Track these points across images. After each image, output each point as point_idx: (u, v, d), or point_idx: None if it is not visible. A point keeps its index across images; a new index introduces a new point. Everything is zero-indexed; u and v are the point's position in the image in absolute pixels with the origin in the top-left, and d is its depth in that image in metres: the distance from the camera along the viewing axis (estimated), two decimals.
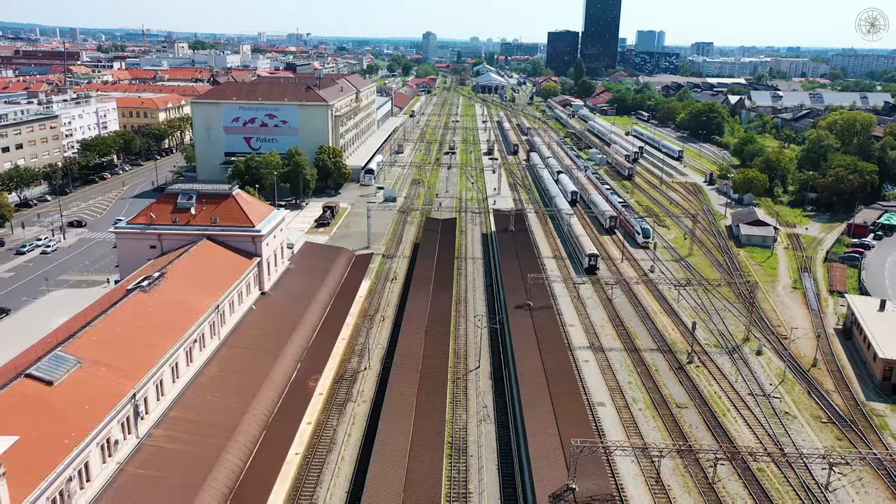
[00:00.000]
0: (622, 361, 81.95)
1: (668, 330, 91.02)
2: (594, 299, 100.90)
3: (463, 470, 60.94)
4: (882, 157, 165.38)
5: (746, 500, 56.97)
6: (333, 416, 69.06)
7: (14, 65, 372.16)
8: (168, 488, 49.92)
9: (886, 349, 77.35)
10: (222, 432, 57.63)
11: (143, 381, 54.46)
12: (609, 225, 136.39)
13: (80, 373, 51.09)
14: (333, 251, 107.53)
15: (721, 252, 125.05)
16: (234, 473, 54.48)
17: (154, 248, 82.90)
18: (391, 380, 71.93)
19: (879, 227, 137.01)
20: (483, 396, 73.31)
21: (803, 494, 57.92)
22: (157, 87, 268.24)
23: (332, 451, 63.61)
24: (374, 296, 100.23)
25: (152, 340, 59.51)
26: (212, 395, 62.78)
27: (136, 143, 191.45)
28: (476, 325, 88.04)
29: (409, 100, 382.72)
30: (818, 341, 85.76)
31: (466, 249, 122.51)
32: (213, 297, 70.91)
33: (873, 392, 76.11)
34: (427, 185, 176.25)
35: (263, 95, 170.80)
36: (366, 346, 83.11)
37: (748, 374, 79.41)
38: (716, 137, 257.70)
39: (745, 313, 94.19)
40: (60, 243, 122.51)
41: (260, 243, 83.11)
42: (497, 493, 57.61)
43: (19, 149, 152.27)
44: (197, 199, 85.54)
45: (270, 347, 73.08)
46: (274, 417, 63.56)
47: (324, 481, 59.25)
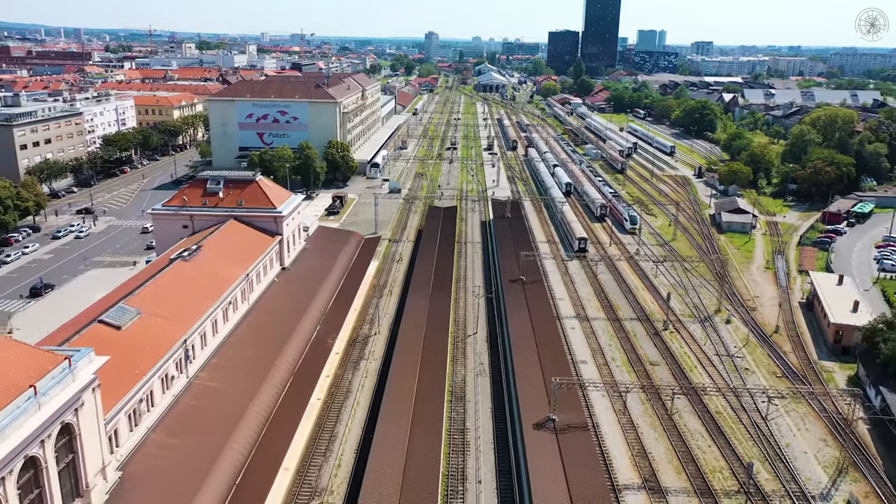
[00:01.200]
0: (604, 328, 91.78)
1: (647, 303, 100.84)
2: (582, 276, 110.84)
3: (461, 412, 70.80)
4: (860, 150, 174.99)
5: (698, 427, 67.07)
6: (349, 371, 78.97)
7: (28, 65, 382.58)
8: (215, 417, 59.97)
9: (838, 315, 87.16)
10: (255, 378, 67.66)
11: (191, 330, 64.53)
12: (600, 213, 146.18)
13: (141, 321, 61.07)
14: (345, 234, 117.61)
15: (703, 237, 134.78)
16: (267, 410, 64.49)
17: (186, 227, 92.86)
18: (398, 342, 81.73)
19: (853, 215, 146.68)
20: (480, 356, 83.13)
21: (747, 422, 67.92)
22: (169, 87, 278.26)
23: (348, 397, 73.50)
24: (381, 273, 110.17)
25: (195, 300, 69.54)
26: (245, 349, 72.85)
27: (153, 139, 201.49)
28: (474, 296, 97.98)
29: (411, 98, 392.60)
30: (780, 310, 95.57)
31: (466, 234, 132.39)
32: (242, 267, 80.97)
33: (826, 353, 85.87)
34: (430, 178, 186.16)
35: (275, 93, 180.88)
36: (376, 315, 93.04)
37: (716, 338, 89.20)
38: (708, 134, 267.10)
39: (718, 289, 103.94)
40: (91, 229, 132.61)
41: (281, 223, 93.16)
42: (490, 427, 67.51)
43: (48, 143, 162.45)
44: (224, 185, 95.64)
45: (292, 313, 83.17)
46: (298, 369, 73.59)
47: (342, 420, 69.17)
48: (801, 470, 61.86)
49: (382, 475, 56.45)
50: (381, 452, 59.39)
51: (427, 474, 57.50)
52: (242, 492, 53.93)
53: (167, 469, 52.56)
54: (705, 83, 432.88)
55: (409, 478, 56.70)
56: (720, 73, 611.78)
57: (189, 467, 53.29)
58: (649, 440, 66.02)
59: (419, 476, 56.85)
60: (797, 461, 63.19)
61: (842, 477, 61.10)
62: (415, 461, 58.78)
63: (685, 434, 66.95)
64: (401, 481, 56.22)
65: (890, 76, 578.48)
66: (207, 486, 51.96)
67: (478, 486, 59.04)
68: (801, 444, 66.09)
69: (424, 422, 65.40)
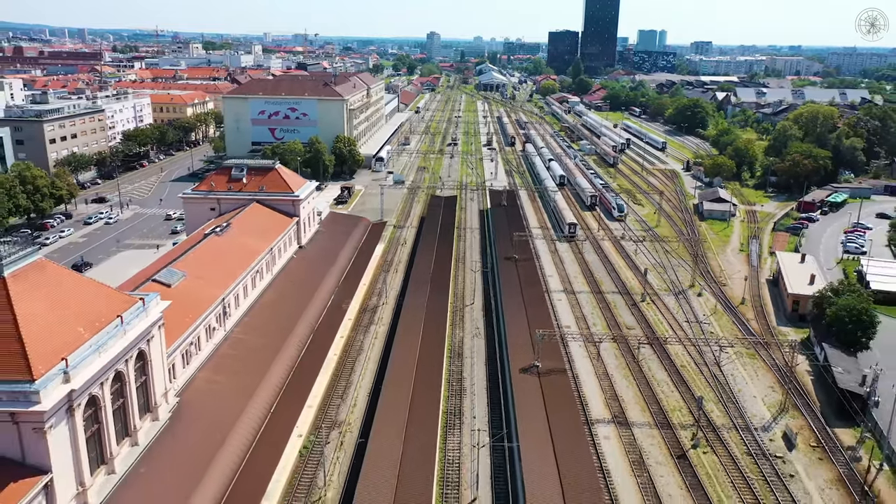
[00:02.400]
0: (588, 300, 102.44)
1: (629, 279, 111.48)
2: (570, 256, 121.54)
3: (459, 365, 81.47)
4: (837, 145, 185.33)
5: (664, 377, 77.87)
6: (360, 333, 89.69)
7: (41, 65, 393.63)
8: (249, 363, 70.72)
9: (796, 287, 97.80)
10: (280, 335, 78.38)
11: (227, 291, 75.31)
12: (590, 202, 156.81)
13: (186, 281, 71.76)
14: (354, 219, 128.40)
15: (685, 224, 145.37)
16: (292, 360, 75.14)
17: (213, 209, 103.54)
18: (403, 310, 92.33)
19: (826, 204, 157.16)
20: (476, 322, 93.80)
21: (707, 374, 78.70)
22: (180, 86, 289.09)
23: (360, 354, 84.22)
24: (388, 253, 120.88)
25: (229, 267, 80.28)
26: (270, 311, 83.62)
27: (169, 135, 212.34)
28: (472, 271, 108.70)
29: (414, 97, 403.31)
30: (746, 284, 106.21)
31: (466, 221, 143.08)
32: (266, 242, 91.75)
33: (784, 320, 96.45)
34: (431, 171, 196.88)
35: (286, 91, 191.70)
36: (383, 288, 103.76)
37: (688, 308, 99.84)
38: (699, 130, 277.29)
39: (692, 267, 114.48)
40: (119, 216, 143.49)
41: (298, 206, 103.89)
42: (483, 376, 78.22)
43: (74, 138, 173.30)
44: (247, 172, 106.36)
45: (310, 284, 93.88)
46: (316, 330, 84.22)
47: (356, 371, 79.87)
48: (748, 409, 72.51)
49: (391, 412, 66.80)
50: (390, 395, 69.85)
51: (429, 411, 68.02)
52: (275, 420, 64.61)
53: (214, 399, 63.31)
54: (701, 82, 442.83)
55: (414, 415, 67.01)
56: (718, 72, 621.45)
57: (231, 400, 64.01)
58: (620, 386, 76.72)
59: (422, 412, 67.29)
60: (746, 402, 73.84)
61: (782, 415, 71.72)
62: (418, 402, 69.23)
63: (652, 382, 77.62)
64: (406, 418, 66.56)
65: (884, 75, 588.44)
66: (247, 413, 62.64)
67: (473, 420, 69.66)
68: (752, 389, 76.75)
69: (427, 373, 75.81)
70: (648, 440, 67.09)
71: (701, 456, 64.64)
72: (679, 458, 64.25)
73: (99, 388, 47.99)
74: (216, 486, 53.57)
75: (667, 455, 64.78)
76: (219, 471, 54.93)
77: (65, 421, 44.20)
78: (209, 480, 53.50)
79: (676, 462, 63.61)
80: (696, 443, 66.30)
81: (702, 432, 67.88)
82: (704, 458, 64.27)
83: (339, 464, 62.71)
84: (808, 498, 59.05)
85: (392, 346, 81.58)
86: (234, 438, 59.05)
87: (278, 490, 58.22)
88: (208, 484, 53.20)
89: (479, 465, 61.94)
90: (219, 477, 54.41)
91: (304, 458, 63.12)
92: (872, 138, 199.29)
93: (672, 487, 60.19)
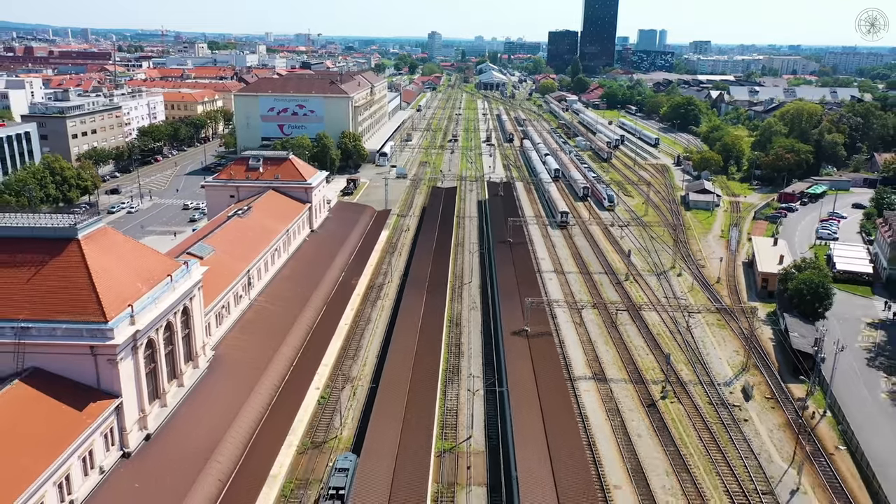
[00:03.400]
0: (576, 279, 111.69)
1: (615, 261, 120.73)
2: (562, 241, 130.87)
3: (457, 333, 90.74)
4: (819, 140, 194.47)
5: (641, 343, 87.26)
6: (368, 307, 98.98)
7: (52, 64, 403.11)
8: (271, 326, 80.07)
9: (765, 266, 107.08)
10: (298, 305, 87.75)
11: (251, 264, 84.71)
12: (582, 194, 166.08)
13: (215, 256, 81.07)
14: (360, 207, 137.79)
15: (671, 213, 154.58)
16: (308, 328, 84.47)
17: (233, 196, 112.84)
18: (407, 287, 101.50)
19: (806, 195, 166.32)
20: (473, 297, 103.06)
21: (680, 341, 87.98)
22: (190, 84, 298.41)
23: (369, 323, 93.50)
24: (392, 238, 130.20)
25: (251, 244, 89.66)
26: (288, 285, 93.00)
27: (182, 131, 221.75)
28: (469, 253, 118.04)
29: (415, 96, 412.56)
30: (722, 264, 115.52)
31: (465, 210, 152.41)
32: (283, 224, 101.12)
33: (754, 296, 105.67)
34: (433, 166, 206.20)
35: (294, 89, 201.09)
36: (388, 269, 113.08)
37: (667, 286, 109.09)
38: (692, 127, 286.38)
39: (673, 250, 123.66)
40: (140, 207, 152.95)
41: (310, 193, 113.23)
42: (479, 342, 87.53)
43: (93, 133, 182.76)
44: (263, 162, 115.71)
45: (322, 262, 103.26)
46: (329, 302, 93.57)
47: (365, 338, 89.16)
48: (713, 368, 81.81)
49: (398, 369, 75.91)
50: (396, 356, 78.91)
51: (430, 370, 77.20)
52: (296, 375, 73.91)
53: (243, 355, 72.66)
54: (698, 81, 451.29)
55: (417, 374, 75.99)
56: (715, 71, 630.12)
57: (257, 355, 73.36)
58: (601, 350, 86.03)
59: (425, 369, 76.47)
60: (712, 363, 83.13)
61: (743, 373, 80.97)
62: (421, 362, 78.37)
63: (630, 346, 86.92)
64: (410, 376, 75.66)
65: (879, 74, 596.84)
66: (271, 368, 72.00)
67: (469, 379, 78.90)
68: (718, 353, 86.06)
69: (428, 339, 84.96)
70: (623, 393, 76.37)
71: (668, 405, 73.89)
72: (649, 406, 73.52)
73: (155, 333, 57.32)
74: (248, 424, 62.92)
75: (638, 404, 74.05)
76: (250, 412, 64.28)
77: (130, 356, 53.56)
78: (242, 419, 62.84)
79: (647, 410, 72.87)
80: (664, 394, 75.58)
81: (670, 386, 77.16)
82: (671, 407, 73.53)
83: (353, 410, 72.02)
84: (759, 437, 68.30)
85: (397, 318, 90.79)
86: (262, 387, 68.41)
87: (301, 429, 67.50)
88: (242, 422, 62.53)
89: (473, 409, 71.29)
90: (250, 416, 63.76)
91: (322, 406, 72.44)
92: (855, 134, 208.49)
93: (641, 429, 69.43)
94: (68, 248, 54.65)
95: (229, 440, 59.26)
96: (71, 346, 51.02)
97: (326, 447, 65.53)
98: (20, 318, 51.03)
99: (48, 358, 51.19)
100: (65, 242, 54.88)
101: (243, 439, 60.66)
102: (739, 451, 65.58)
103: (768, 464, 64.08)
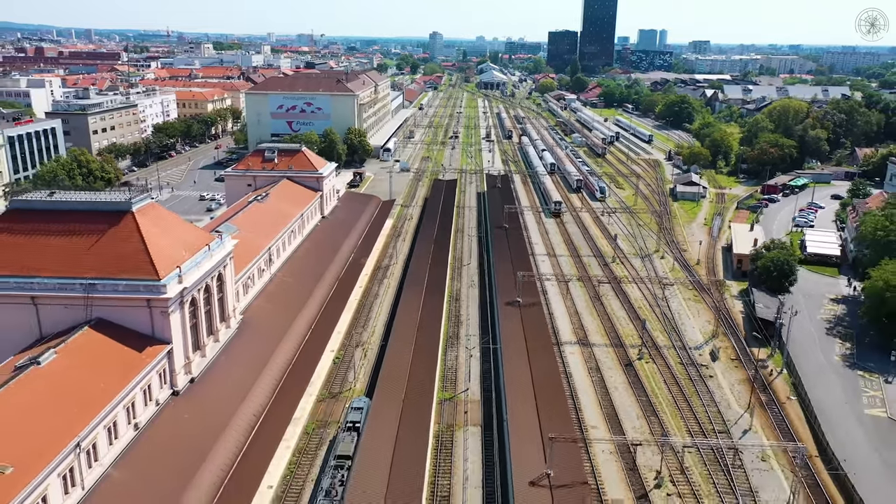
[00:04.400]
0: (567, 261, 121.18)
1: (603, 246, 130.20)
2: (554, 229, 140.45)
3: (456, 306, 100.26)
4: (803, 135, 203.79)
5: (623, 314, 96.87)
6: (375, 284, 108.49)
7: (62, 65, 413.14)
8: (291, 296, 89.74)
9: (740, 248, 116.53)
10: (313, 280, 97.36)
11: (271, 242, 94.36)
12: (576, 185, 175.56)
13: (240, 234, 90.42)
14: (367, 197, 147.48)
15: (659, 204, 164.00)
16: (322, 300, 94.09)
17: (250, 185, 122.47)
18: (410, 267, 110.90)
19: (789, 187, 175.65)
20: (472, 277, 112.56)
21: (658, 312, 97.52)
22: (199, 83, 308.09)
23: (376, 298, 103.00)
24: (397, 226, 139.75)
25: (270, 225, 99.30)
26: (303, 263, 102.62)
27: (194, 128, 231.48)
28: (469, 237, 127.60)
29: (417, 95, 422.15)
30: (700, 247, 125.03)
31: (465, 201, 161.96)
32: (297, 209, 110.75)
33: (730, 276, 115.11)
34: (434, 160, 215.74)
35: (302, 87, 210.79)
36: (393, 252, 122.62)
37: (651, 267, 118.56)
38: (686, 125, 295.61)
39: (657, 235, 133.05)
40: (158, 198, 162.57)
41: (322, 182, 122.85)
42: (477, 314, 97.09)
43: (112, 130, 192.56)
44: (277, 153, 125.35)
45: (333, 245, 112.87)
46: (340, 279, 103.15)
47: (373, 310, 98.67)
48: (686, 335, 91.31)
49: (403, 333, 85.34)
50: (401, 324, 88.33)
51: (432, 334, 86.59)
52: (313, 338, 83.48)
53: (267, 320, 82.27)
54: (694, 80, 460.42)
55: (420, 339, 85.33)
56: (713, 70, 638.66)
57: (279, 321, 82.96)
58: (587, 320, 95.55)
59: (427, 338, 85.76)
60: (686, 331, 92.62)
61: (713, 339, 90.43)
62: (424, 330, 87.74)
63: (612, 317, 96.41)
64: (413, 341, 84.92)
65: (874, 73, 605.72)
66: (292, 332, 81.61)
67: (467, 340, 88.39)
68: (692, 322, 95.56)
69: (430, 310, 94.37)
70: (604, 355, 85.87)
71: (644, 365, 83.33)
72: (626, 365, 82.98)
73: (197, 293, 66.92)
74: (274, 376, 72.51)
75: (617, 364, 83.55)
76: (275, 366, 73.87)
77: (179, 309, 63.17)
78: (268, 372, 72.43)
79: (624, 368, 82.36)
80: (640, 355, 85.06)
81: (646, 349, 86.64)
82: (646, 366, 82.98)
83: (364, 367, 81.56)
84: (721, 390, 77.76)
85: (402, 294, 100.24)
86: (284, 347, 78.03)
87: (319, 382, 77.03)
88: (268, 374, 72.13)
89: (470, 367, 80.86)
90: (275, 370, 73.36)
91: (336, 365, 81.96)
92: (839, 130, 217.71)
93: (618, 384, 78.89)
94: (125, 219, 64.27)
95: (258, 388, 68.87)
96: (130, 300, 60.61)
97: (342, 397, 75.07)
98: (87, 276, 60.59)
99: (111, 310, 60.77)
100: (121, 214, 64.50)
101: (270, 388, 70.28)
102: (702, 401, 75.08)
103: (727, 410, 73.57)
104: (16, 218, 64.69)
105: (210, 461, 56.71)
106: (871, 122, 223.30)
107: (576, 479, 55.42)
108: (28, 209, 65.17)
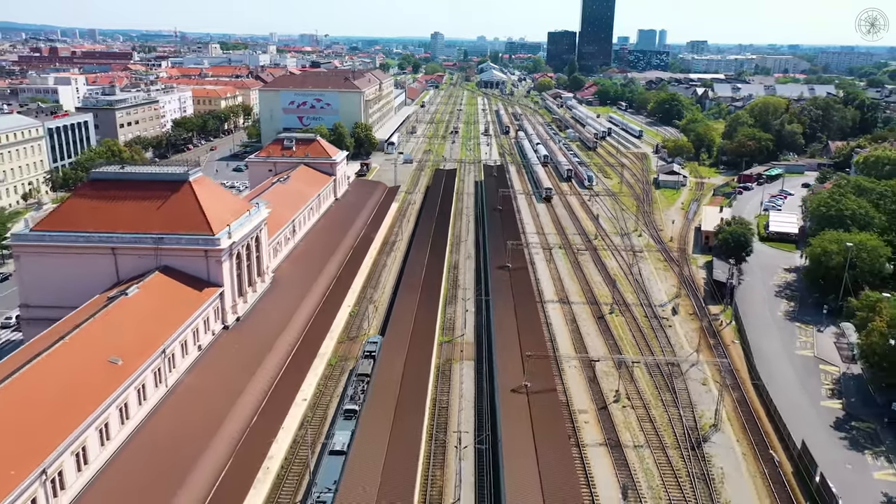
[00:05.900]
0: (554, 239, 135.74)
1: (588, 226, 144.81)
2: (545, 212, 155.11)
3: (454, 273, 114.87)
4: (780, 130, 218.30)
5: (599, 279, 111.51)
6: (384, 256, 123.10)
7: (76, 64, 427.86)
8: (312, 261, 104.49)
9: (707, 226, 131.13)
10: (330, 250, 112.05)
11: (294, 215, 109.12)
12: (566, 175, 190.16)
13: (271, 208, 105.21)
14: (374, 183, 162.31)
15: (642, 191, 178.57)
16: (338, 265, 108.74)
17: (270, 170, 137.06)
18: (414, 242, 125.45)
19: (763, 176, 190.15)
20: (468, 250, 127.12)
21: (632, 279, 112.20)
22: (211, 82, 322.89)
23: (384, 268, 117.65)
24: (402, 209, 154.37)
25: (293, 201, 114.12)
26: (321, 236, 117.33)
27: (210, 124, 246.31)
28: (466, 217, 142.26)
29: (419, 93, 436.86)
30: (673, 226, 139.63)
31: (464, 188, 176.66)
32: (315, 190, 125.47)
33: (698, 250, 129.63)
34: (435, 153, 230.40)
35: (312, 84, 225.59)
36: (399, 230, 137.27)
37: (628, 243, 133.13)
38: (675, 121, 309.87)
39: (636, 216, 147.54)
40: None
41: (335, 167, 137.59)
42: (472, 278, 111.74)
43: (136, 124, 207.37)
44: (295, 142, 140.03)
45: (346, 222, 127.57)
46: (353, 250, 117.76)
47: (382, 275, 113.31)
48: (653, 295, 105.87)
49: (408, 293, 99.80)
50: (407, 285, 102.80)
51: (433, 294, 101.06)
52: (332, 295, 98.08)
53: (293, 278, 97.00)
54: (688, 79, 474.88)
55: (423, 296, 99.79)
56: (709, 70, 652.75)
57: (304, 279, 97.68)
58: (567, 283, 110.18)
59: (429, 296, 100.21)
60: (653, 292, 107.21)
61: (675, 299, 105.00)
62: (427, 290, 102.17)
63: (590, 281, 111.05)
64: (417, 300, 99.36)
65: (866, 73, 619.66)
66: (314, 289, 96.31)
67: (464, 303, 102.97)
68: (659, 286, 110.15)
69: (432, 275, 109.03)
70: (580, 310, 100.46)
71: (614, 318, 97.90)
72: (599, 318, 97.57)
73: (241, 249, 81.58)
74: (301, 321, 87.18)
75: (591, 317, 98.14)
76: (302, 314, 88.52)
77: (228, 259, 77.80)
78: (297, 317, 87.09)
79: (596, 320, 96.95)
80: (611, 310, 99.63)
81: (616, 306, 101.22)
82: (616, 319, 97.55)
83: (376, 319, 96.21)
84: (677, 336, 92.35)
85: (407, 261, 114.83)
86: (309, 300, 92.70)
87: (338, 329, 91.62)
88: (296, 319, 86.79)
89: (466, 319, 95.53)
90: (302, 316, 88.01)
91: (353, 317, 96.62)
92: (815, 125, 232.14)
93: (590, 331, 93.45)
94: (183, 187, 78.94)
95: (290, 329, 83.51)
96: (191, 251, 75.24)
97: (358, 340, 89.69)
98: (156, 231, 75.21)
99: (175, 259, 75.38)
100: (180, 183, 79.17)
101: (299, 329, 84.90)
102: (660, 343, 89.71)
103: (679, 349, 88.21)
104: (95, 186, 79.35)
105: (255, 379, 71.31)
106: (847, 117, 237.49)
107: (547, 386, 70.04)
108: (104, 179, 79.87)
